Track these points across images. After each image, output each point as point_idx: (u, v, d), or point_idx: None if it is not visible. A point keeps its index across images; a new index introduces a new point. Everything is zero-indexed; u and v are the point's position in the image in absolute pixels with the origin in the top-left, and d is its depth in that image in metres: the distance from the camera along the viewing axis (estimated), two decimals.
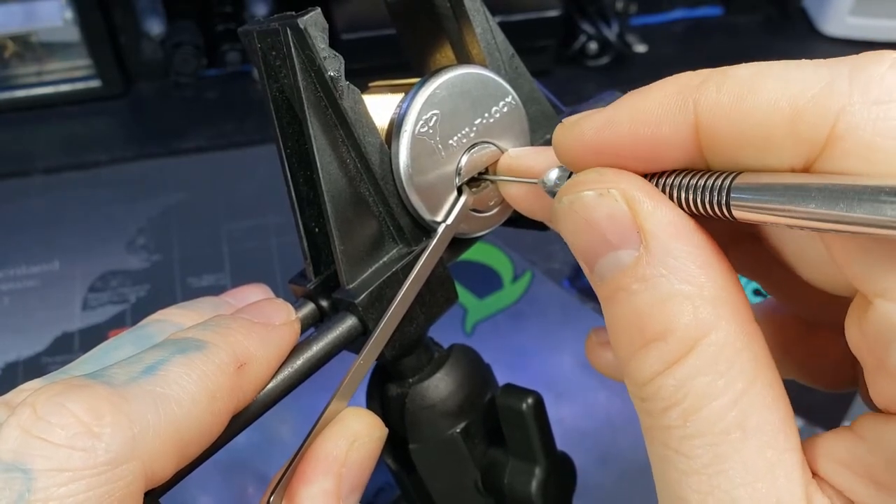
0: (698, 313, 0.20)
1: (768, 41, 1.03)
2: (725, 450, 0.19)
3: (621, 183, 0.21)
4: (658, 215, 0.20)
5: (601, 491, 0.59)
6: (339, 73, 0.26)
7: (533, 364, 0.67)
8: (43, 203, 0.81)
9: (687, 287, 0.20)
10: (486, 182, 0.30)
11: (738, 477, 0.19)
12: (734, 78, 0.19)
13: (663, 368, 0.20)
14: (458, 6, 0.30)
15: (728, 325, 0.20)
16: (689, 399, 0.19)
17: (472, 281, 0.72)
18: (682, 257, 0.20)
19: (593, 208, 0.21)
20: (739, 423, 0.19)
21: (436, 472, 0.32)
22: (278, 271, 0.74)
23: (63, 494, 0.19)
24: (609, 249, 0.21)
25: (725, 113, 0.19)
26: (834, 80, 0.18)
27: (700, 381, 0.19)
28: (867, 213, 0.16)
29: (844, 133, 0.18)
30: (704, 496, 0.19)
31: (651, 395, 0.20)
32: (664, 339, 0.20)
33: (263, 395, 0.25)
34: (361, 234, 0.28)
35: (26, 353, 0.68)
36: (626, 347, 0.21)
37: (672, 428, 0.20)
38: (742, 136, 0.19)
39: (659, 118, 0.20)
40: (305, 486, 0.26)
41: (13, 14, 0.86)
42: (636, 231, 0.20)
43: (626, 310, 0.21)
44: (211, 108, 0.92)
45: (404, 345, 0.29)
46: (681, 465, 0.20)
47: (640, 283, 0.20)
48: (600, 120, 0.22)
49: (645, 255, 0.20)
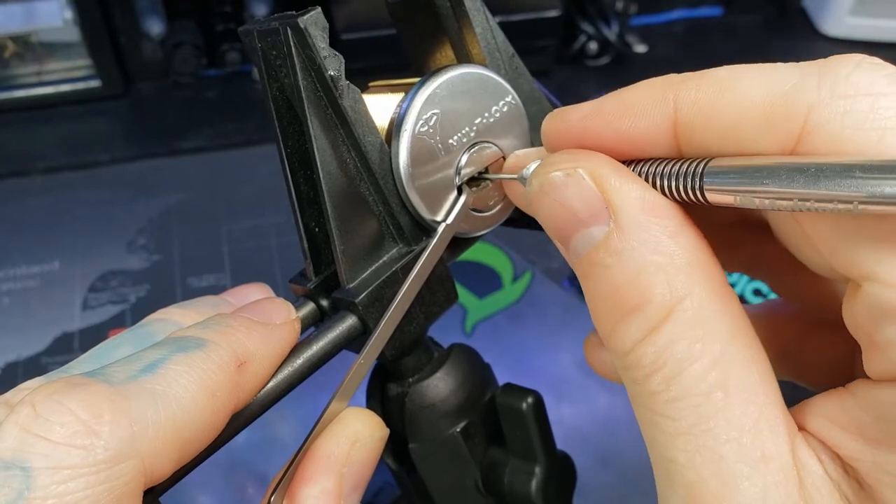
0: (672, 281, 0.20)
1: (768, 41, 1.03)
2: (708, 409, 0.20)
3: (588, 161, 0.22)
4: (625, 190, 0.21)
5: (601, 491, 0.59)
6: (339, 72, 0.26)
7: (533, 364, 0.67)
8: (43, 203, 0.81)
9: (659, 257, 0.21)
10: (486, 181, 0.30)
11: (722, 434, 0.20)
12: (713, 77, 0.20)
13: (643, 337, 0.21)
14: (458, 6, 0.30)
15: (702, 291, 0.20)
16: (670, 364, 0.20)
17: (472, 281, 0.72)
18: (651, 229, 0.21)
19: (562, 188, 0.22)
20: (720, 382, 0.20)
21: (436, 471, 0.32)
22: (278, 271, 0.74)
23: (62, 492, 0.19)
24: (581, 227, 0.22)
25: (702, 109, 0.20)
26: (804, 80, 0.19)
27: (678, 345, 0.20)
28: (837, 189, 0.17)
29: (815, 127, 0.18)
30: (692, 455, 0.20)
31: (633, 363, 0.21)
32: (641, 309, 0.21)
33: (263, 394, 0.25)
34: (361, 234, 0.28)
35: (26, 353, 0.68)
36: (607, 320, 0.22)
37: (656, 393, 0.21)
38: (718, 132, 0.20)
39: (640, 112, 0.21)
40: (306, 486, 0.26)
41: (13, 14, 0.86)
42: (605, 207, 0.21)
43: (602, 284, 0.21)
44: (211, 108, 0.92)
45: (404, 344, 0.29)
46: (667, 427, 0.20)
47: (614, 257, 0.21)
48: (585, 110, 0.23)
49: (615, 230, 0.21)
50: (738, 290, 0.71)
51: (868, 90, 0.18)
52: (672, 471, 0.20)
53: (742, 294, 0.70)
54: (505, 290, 0.72)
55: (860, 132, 0.18)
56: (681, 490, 0.20)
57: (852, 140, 0.18)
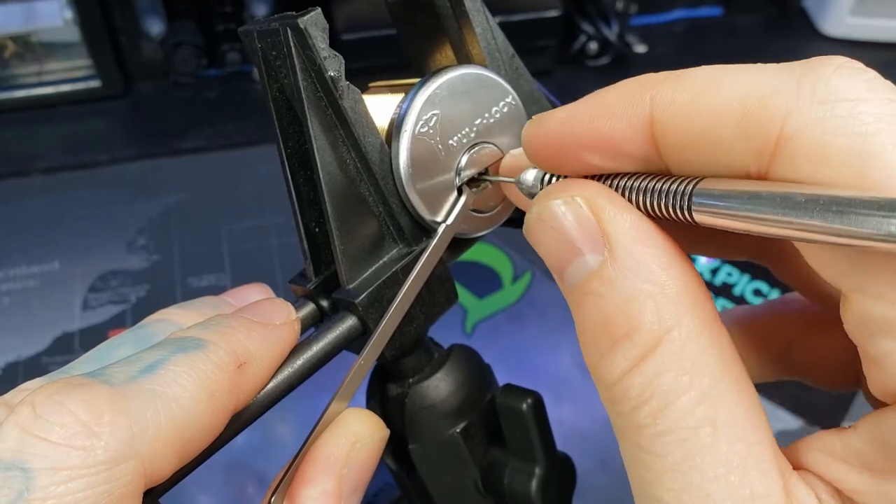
0: (661, 311, 0.20)
1: (768, 41, 1.03)
2: (696, 445, 0.19)
3: (585, 191, 0.22)
4: (620, 220, 0.21)
5: (601, 491, 0.59)
6: (339, 72, 0.26)
7: (533, 364, 0.67)
8: (43, 203, 0.81)
9: (649, 286, 0.20)
10: (486, 182, 0.30)
11: (710, 471, 0.19)
12: (690, 79, 0.20)
13: (630, 367, 0.20)
14: (458, 6, 0.30)
15: (690, 322, 0.20)
16: (657, 396, 0.20)
17: (472, 281, 0.72)
18: (643, 259, 0.21)
19: (560, 216, 0.22)
20: (708, 418, 0.19)
21: (436, 472, 0.32)
22: (278, 271, 0.74)
23: (62, 493, 0.19)
24: (577, 255, 0.22)
25: (678, 111, 0.20)
26: (783, 83, 0.19)
27: (666, 377, 0.20)
28: (820, 221, 0.17)
29: (793, 133, 0.18)
30: (678, 493, 0.19)
31: (620, 395, 0.21)
32: (629, 338, 0.20)
33: (263, 394, 0.25)
34: (361, 234, 0.28)
35: (26, 353, 0.68)
36: (595, 350, 0.21)
37: (643, 427, 0.20)
38: (694, 136, 0.20)
39: (616, 114, 0.21)
40: (306, 486, 0.26)
41: (13, 14, 0.86)
42: (601, 236, 0.21)
43: (593, 313, 0.21)
44: (211, 108, 0.92)
45: (404, 345, 0.29)
46: (654, 465, 0.20)
47: (606, 286, 0.21)
48: (563, 113, 0.23)
49: (609, 259, 0.21)
50: (738, 291, 0.71)
51: (847, 95, 0.18)
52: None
53: (742, 294, 0.70)
54: (505, 291, 0.72)
55: (839, 139, 0.18)
56: None
57: (831, 147, 0.18)
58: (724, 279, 0.72)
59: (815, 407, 0.63)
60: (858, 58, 0.19)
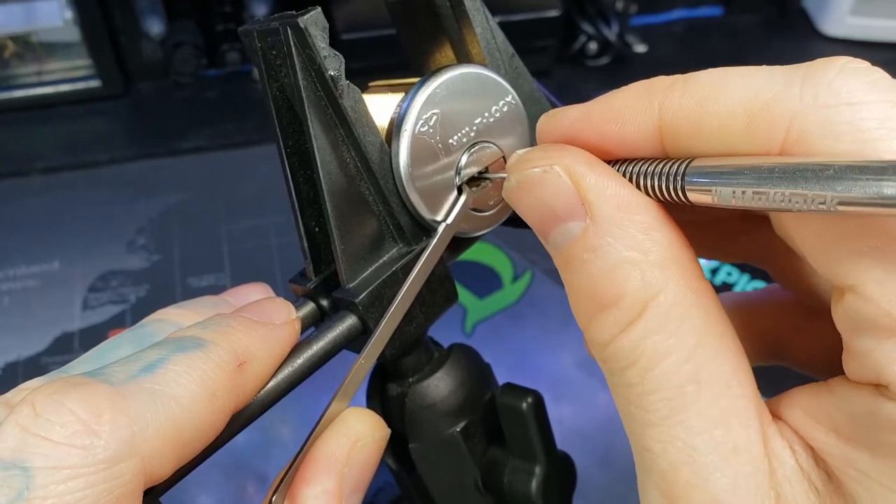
0: (645, 277, 0.21)
1: (768, 41, 1.03)
2: (681, 402, 0.20)
3: (564, 158, 0.22)
4: (600, 187, 0.21)
5: (601, 491, 0.59)
6: (339, 72, 0.26)
7: (533, 364, 0.67)
8: (43, 203, 0.81)
9: (633, 253, 0.21)
10: (486, 181, 0.30)
11: (695, 426, 0.20)
12: (697, 84, 0.21)
13: (618, 331, 0.21)
14: (458, 6, 0.30)
15: (676, 286, 0.21)
16: (644, 358, 0.21)
17: (472, 281, 0.72)
18: (626, 225, 0.21)
19: (539, 184, 0.22)
20: (693, 376, 0.20)
21: (436, 471, 0.32)
22: (278, 271, 0.74)
23: (62, 492, 0.19)
24: (559, 222, 0.22)
25: (686, 117, 0.20)
26: (787, 87, 0.19)
27: (652, 340, 0.21)
28: (813, 188, 0.17)
29: (798, 136, 0.18)
30: (665, 445, 0.21)
31: (610, 356, 0.21)
32: (616, 305, 0.21)
33: (263, 394, 0.25)
34: (361, 234, 0.28)
35: (26, 353, 0.68)
36: (584, 313, 0.22)
37: (632, 385, 0.21)
38: (701, 141, 0.20)
39: (626, 118, 0.22)
40: (307, 486, 0.26)
41: (13, 14, 0.86)
42: (580, 204, 0.21)
43: (579, 278, 0.22)
44: (211, 108, 0.92)
45: (404, 344, 0.29)
46: (642, 418, 0.21)
47: (590, 253, 0.21)
48: (575, 113, 0.23)
49: (591, 226, 0.21)
50: (738, 290, 0.71)
51: (849, 99, 0.18)
52: (647, 459, 0.21)
53: None
54: (505, 290, 0.72)
55: (842, 145, 0.18)
56: (656, 477, 0.21)
57: (834, 152, 0.18)
58: (724, 279, 0.72)
59: None
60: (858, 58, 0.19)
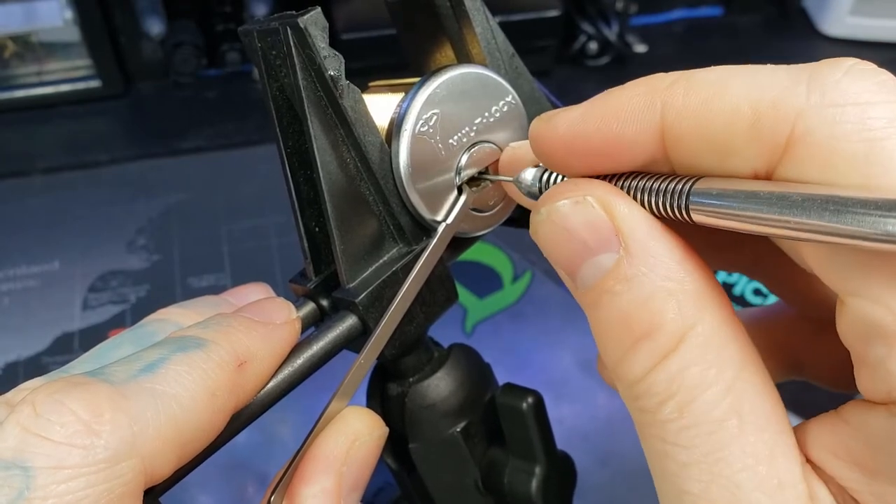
0: (682, 308, 0.20)
1: (768, 41, 1.03)
2: (723, 436, 0.19)
3: (595, 190, 0.22)
4: (633, 217, 0.21)
5: (601, 491, 0.59)
6: (339, 72, 0.26)
7: (533, 364, 0.67)
8: (43, 203, 0.81)
9: (669, 283, 0.20)
10: (486, 181, 0.30)
11: (737, 462, 0.19)
12: (701, 82, 0.20)
13: (654, 364, 0.20)
14: (458, 6, 0.30)
15: (712, 317, 0.20)
16: (683, 391, 0.20)
17: (472, 281, 0.72)
18: (660, 255, 0.21)
19: (570, 216, 0.22)
20: (734, 409, 0.20)
21: (436, 471, 0.32)
22: (278, 271, 0.74)
23: (62, 492, 0.19)
24: (589, 255, 0.21)
25: (690, 116, 0.20)
26: (793, 85, 0.19)
27: (691, 372, 0.20)
28: (817, 220, 0.17)
29: (802, 136, 0.18)
30: (707, 484, 0.19)
31: (644, 392, 0.21)
32: (652, 336, 0.20)
33: (264, 394, 0.25)
34: (361, 234, 0.28)
35: (26, 353, 0.68)
36: (615, 349, 0.21)
37: (668, 422, 0.20)
38: (705, 140, 0.20)
39: (627, 118, 0.21)
40: (306, 485, 0.26)
41: (13, 14, 0.86)
42: (615, 234, 0.21)
43: (611, 312, 0.21)
44: (211, 108, 0.92)
45: (404, 344, 0.29)
46: (680, 456, 0.20)
47: (623, 284, 0.21)
48: (573, 115, 0.22)
49: (625, 257, 0.21)
50: (738, 290, 0.71)
51: (857, 99, 0.18)
52: (685, 502, 0.20)
53: (742, 294, 0.70)
54: (505, 290, 0.72)
55: (848, 144, 0.18)
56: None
57: (838, 151, 0.18)
58: (725, 278, 0.72)
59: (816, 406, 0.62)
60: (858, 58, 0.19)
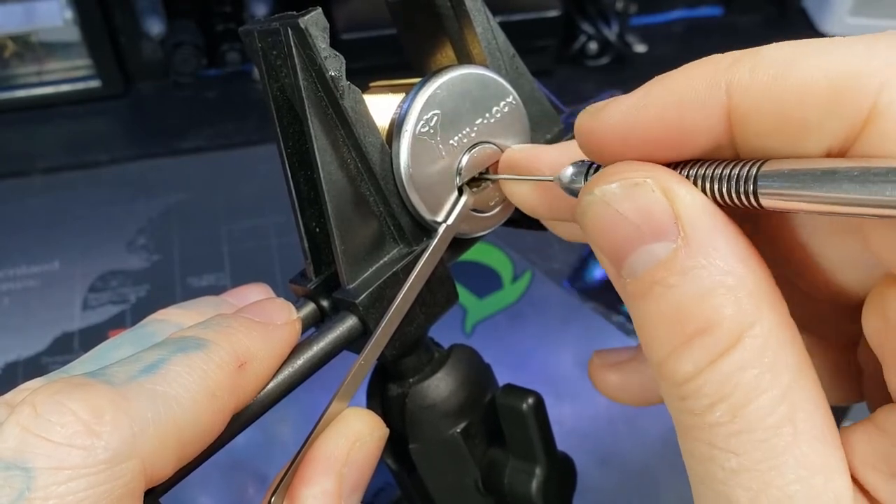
0: (742, 305, 0.19)
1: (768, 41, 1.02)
2: (777, 445, 0.18)
3: (656, 173, 0.20)
4: (696, 206, 0.20)
5: (601, 491, 0.59)
6: (339, 72, 0.26)
7: (533, 364, 0.67)
8: (43, 203, 0.81)
9: (729, 278, 0.19)
10: (487, 182, 0.30)
11: (791, 472, 0.18)
12: (768, 58, 0.19)
13: (707, 363, 0.19)
14: (458, 6, 0.30)
15: (771, 318, 0.19)
16: (737, 393, 0.19)
17: (472, 281, 0.72)
18: (721, 248, 0.19)
19: (627, 199, 0.20)
20: (789, 416, 0.18)
21: (436, 471, 0.32)
22: (278, 271, 0.74)
23: (63, 492, 0.19)
24: (642, 243, 0.20)
25: (760, 95, 0.19)
26: (872, 56, 0.18)
27: (748, 374, 0.19)
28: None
29: (885, 109, 0.17)
30: (756, 493, 0.18)
31: (693, 392, 0.19)
32: (708, 333, 0.19)
33: (264, 394, 0.25)
34: (362, 234, 0.28)
35: (26, 353, 0.68)
36: (663, 345, 0.20)
37: (718, 425, 0.19)
38: (779, 119, 0.19)
39: (689, 103, 0.20)
40: (307, 486, 0.26)
41: (13, 14, 0.86)
42: (673, 222, 0.20)
43: (663, 305, 0.20)
44: (211, 108, 0.92)
45: (405, 345, 0.29)
46: (729, 462, 0.19)
47: (679, 276, 0.19)
48: (627, 105, 0.21)
49: (683, 247, 0.19)
50: None
51: None
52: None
53: None
54: (505, 290, 0.72)
55: None
56: None
57: None
58: None
59: None
60: None
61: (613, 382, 0.32)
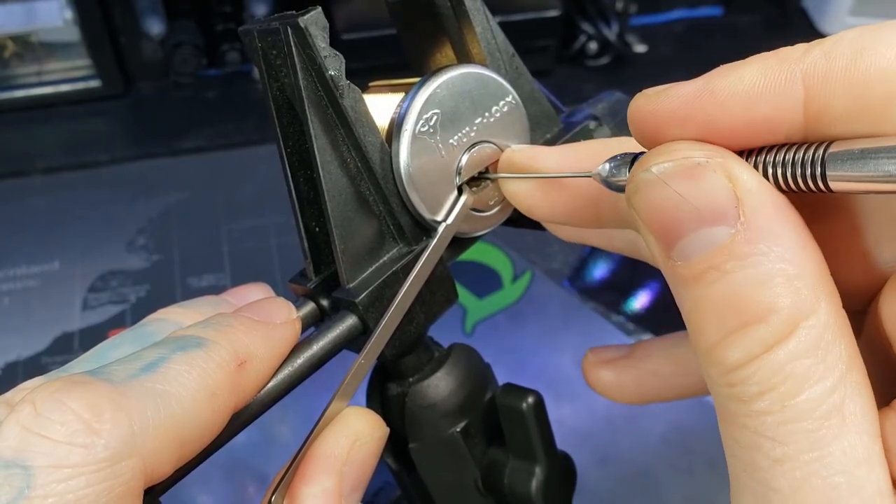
0: (800, 295, 0.19)
1: (768, 41, 1.03)
2: (824, 436, 0.18)
3: (719, 154, 0.20)
4: (760, 191, 0.19)
5: (601, 491, 0.59)
6: (339, 72, 0.26)
7: (533, 364, 0.67)
8: (43, 203, 0.81)
9: (789, 267, 0.19)
10: (487, 181, 0.30)
11: (837, 464, 0.18)
12: (840, 44, 0.18)
13: (761, 351, 0.19)
14: (458, 6, 0.30)
15: (827, 309, 0.19)
16: (789, 383, 0.19)
17: (472, 281, 0.72)
18: (782, 236, 0.19)
19: (688, 178, 0.20)
20: (838, 408, 0.18)
21: (436, 471, 0.32)
22: (278, 271, 0.74)
23: (62, 491, 0.19)
24: (699, 225, 0.20)
25: (838, 80, 0.18)
26: None
27: (801, 364, 0.19)
28: None
29: None
30: (800, 483, 0.18)
31: (743, 379, 0.19)
32: (764, 321, 0.19)
33: (264, 393, 0.25)
34: (362, 234, 0.28)
35: (26, 353, 0.68)
36: (715, 331, 0.20)
37: (766, 414, 0.19)
38: (859, 101, 0.18)
39: (761, 94, 0.19)
40: (307, 485, 0.26)
41: (13, 14, 0.86)
42: (734, 206, 0.19)
43: (717, 291, 0.19)
44: (211, 108, 0.92)
45: (404, 344, 0.29)
46: (774, 452, 0.19)
47: (737, 262, 0.19)
48: (688, 90, 0.20)
49: (743, 232, 0.19)
50: None
51: None
52: (771, 499, 0.19)
53: None
54: (505, 290, 0.72)
55: None
56: None
57: None
58: None
59: None
60: None
61: (607, 380, 0.32)
